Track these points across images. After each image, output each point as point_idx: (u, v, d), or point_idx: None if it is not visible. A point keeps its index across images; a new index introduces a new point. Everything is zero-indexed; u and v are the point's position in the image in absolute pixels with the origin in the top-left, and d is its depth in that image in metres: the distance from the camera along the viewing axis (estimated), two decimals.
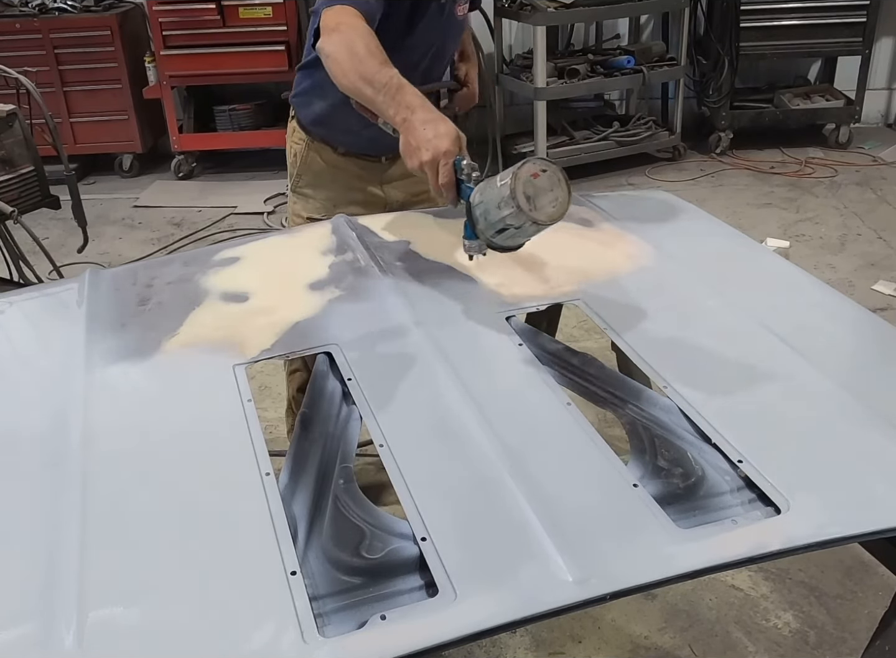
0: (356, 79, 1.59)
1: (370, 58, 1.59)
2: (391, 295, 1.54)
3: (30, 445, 1.24)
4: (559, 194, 1.32)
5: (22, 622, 0.96)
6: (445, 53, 2.05)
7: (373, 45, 1.62)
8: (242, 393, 1.31)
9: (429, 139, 1.43)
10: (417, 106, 1.49)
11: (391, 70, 1.56)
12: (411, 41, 1.90)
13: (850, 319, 1.53)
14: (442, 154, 1.41)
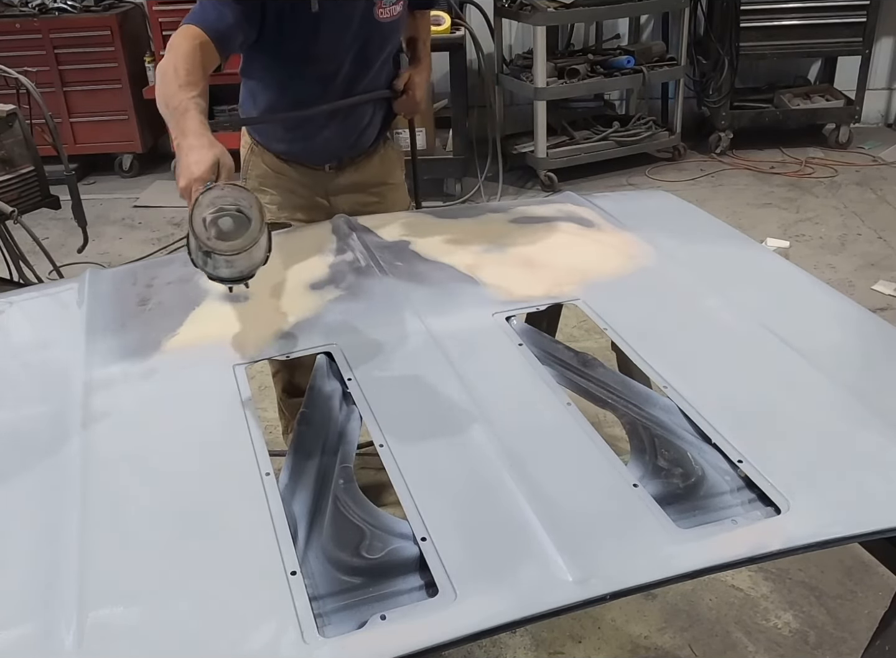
0: (160, 102, 1.59)
1: (174, 80, 1.58)
2: (391, 295, 1.54)
3: (30, 445, 1.24)
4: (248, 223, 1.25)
5: (22, 622, 0.96)
6: (370, 60, 1.96)
7: (181, 67, 1.60)
8: (242, 393, 1.31)
9: (187, 165, 1.41)
10: (190, 131, 1.47)
11: (186, 93, 1.54)
12: (317, 50, 1.86)
13: (850, 319, 1.53)
14: (194, 180, 1.37)
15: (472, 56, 4.91)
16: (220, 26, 1.72)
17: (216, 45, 1.72)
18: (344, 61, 1.91)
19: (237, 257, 1.26)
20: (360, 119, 2.04)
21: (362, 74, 1.97)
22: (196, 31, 1.70)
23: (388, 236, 1.80)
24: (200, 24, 1.71)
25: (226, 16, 1.73)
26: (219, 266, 1.29)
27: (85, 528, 1.06)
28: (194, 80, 1.59)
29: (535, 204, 2.12)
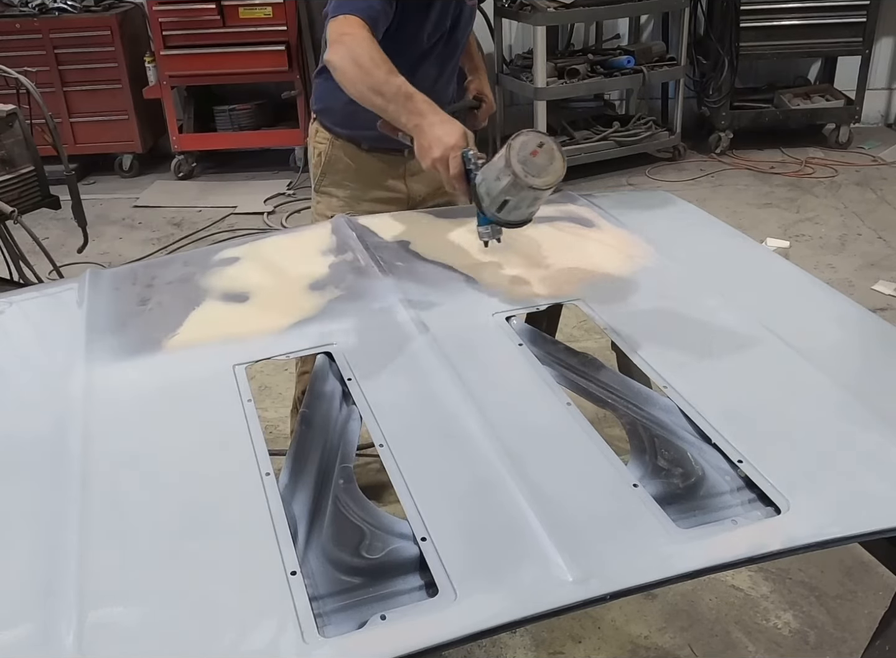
0: (366, 90, 1.66)
1: (376, 68, 1.66)
2: (391, 295, 1.54)
3: (30, 445, 1.24)
4: (554, 160, 1.40)
5: (22, 622, 0.96)
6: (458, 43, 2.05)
7: (376, 56, 1.67)
8: (242, 393, 1.31)
9: (438, 137, 1.55)
10: (427, 111, 1.60)
11: (398, 79, 1.64)
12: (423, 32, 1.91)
13: (850, 319, 1.53)
14: (450, 148, 1.52)
15: None
16: (372, 13, 1.76)
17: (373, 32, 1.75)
18: (439, 43, 1.97)
19: (545, 192, 1.41)
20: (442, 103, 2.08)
21: (450, 57, 2.04)
22: (358, 20, 1.73)
23: (388, 236, 1.80)
24: (357, 14, 1.73)
25: (373, 2, 1.76)
26: (521, 206, 1.44)
27: (85, 528, 1.06)
28: (392, 66, 1.66)
29: None
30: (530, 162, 1.38)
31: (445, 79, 2.08)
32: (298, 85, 5.01)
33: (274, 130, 5.30)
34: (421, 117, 1.59)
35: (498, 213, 1.47)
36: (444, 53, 2.01)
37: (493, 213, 1.48)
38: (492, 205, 1.46)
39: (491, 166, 1.45)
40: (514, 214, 1.47)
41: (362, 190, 2.15)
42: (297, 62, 4.95)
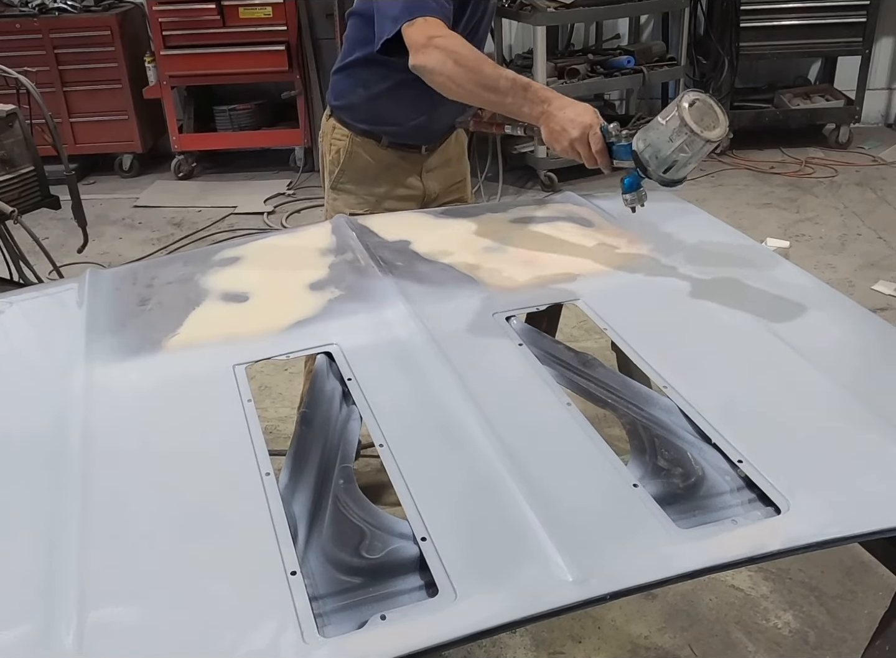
0: (475, 88, 1.67)
1: (483, 65, 1.68)
2: (391, 295, 1.54)
3: (30, 445, 1.24)
4: (718, 114, 1.46)
5: (22, 622, 0.96)
6: (483, 36, 2.08)
7: (477, 53, 1.70)
8: (242, 393, 1.31)
9: (571, 119, 1.57)
10: (551, 97, 1.62)
11: (508, 71, 1.67)
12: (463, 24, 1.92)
13: (850, 319, 1.53)
14: (587, 126, 1.56)
15: None
16: (447, 13, 1.78)
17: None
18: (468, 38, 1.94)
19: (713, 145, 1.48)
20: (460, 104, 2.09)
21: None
22: (439, 21, 1.74)
23: (388, 236, 1.80)
24: (436, 15, 1.75)
25: (444, 3, 1.78)
26: (690, 162, 1.49)
27: (85, 528, 1.06)
28: (492, 60, 1.70)
29: (535, 204, 2.12)
30: (701, 119, 1.44)
31: None
32: (298, 85, 5.01)
33: (274, 130, 5.30)
34: (546, 104, 1.60)
35: (664, 173, 1.51)
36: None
37: (660, 175, 1.51)
38: (660, 166, 1.50)
39: (656, 130, 1.48)
40: (681, 172, 1.51)
41: (381, 186, 2.16)
42: (297, 62, 4.95)
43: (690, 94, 1.47)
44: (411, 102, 2.05)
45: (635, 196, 1.60)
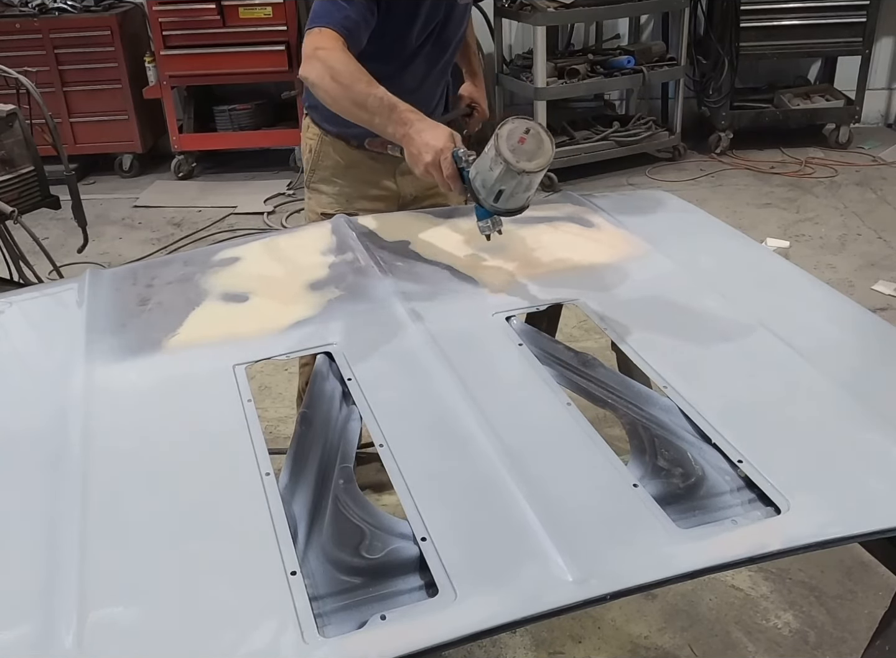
0: (348, 105, 1.67)
1: (356, 82, 1.66)
2: (391, 295, 1.54)
3: (30, 445, 1.24)
4: (542, 143, 1.43)
5: (22, 622, 0.96)
6: (448, 41, 2.03)
7: (354, 69, 1.68)
8: (242, 393, 1.31)
9: (426, 142, 1.56)
10: (413, 119, 1.61)
11: (379, 90, 1.64)
12: (411, 31, 1.90)
13: (850, 319, 1.53)
14: (440, 151, 1.54)
15: None
16: (348, 24, 1.75)
17: (349, 43, 1.75)
18: (427, 42, 1.97)
19: (538, 175, 1.44)
20: (430, 101, 2.09)
21: (440, 55, 2.03)
22: (332, 33, 1.73)
23: (388, 236, 1.80)
24: (332, 26, 1.73)
25: (350, 12, 1.76)
26: (517, 192, 1.46)
27: (85, 527, 1.06)
28: (370, 77, 1.67)
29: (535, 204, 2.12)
30: (519, 148, 1.41)
31: (435, 77, 2.07)
32: (298, 85, 4.97)
33: (274, 130, 5.30)
34: (407, 126, 1.60)
35: (495, 203, 1.49)
36: (433, 52, 2.00)
37: (491, 204, 1.50)
38: (488, 196, 1.48)
39: (483, 158, 1.47)
40: (511, 202, 1.49)
41: (352, 187, 2.14)
42: (297, 62, 4.94)
43: (511, 123, 1.43)
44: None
45: (488, 223, 1.56)
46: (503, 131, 1.42)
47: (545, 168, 1.44)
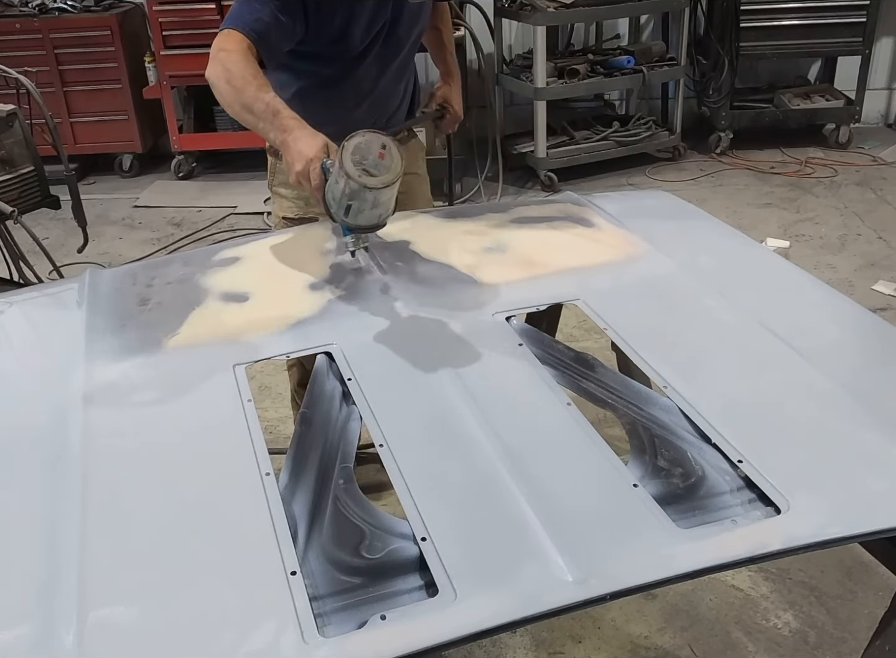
0: (239, 109, 1.66)
1: (247, 86, 1.64)
2: (391, 295, 1.54)
3: (30, 445, 1.24)
4: (391, 160, 1.38)
5: (22, 622, 0.96)
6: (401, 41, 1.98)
7: (248, 73, 1.66)
8: (242, 393, 1.31)
9: (299, 151, 1.53)
10: (293, 126, 1.58)
11: (267, 95, 1.62)
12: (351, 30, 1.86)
13: (850, 319, 1.53)
14: (310, 161, 1.51)
15: (472, 56, 4.92)
16: (257, 27, 1.73)
17: (258, 46, 1.73)
18: (375, 43, 1.93)
19: (384, 192, 1.38)
20: (389, 103, 2.07)
21: (393, 56, 1.99)
22: (238, 35, 1.72)
23: (388, 236, 1.80)
24: (239, 28, 1.72)
25: (263, 15, 1.73)
26: (364, 208, 1.41)
27: (85, 527, 1.06)
28: (263, 81, 1.66)
29: (535, 204, 2.12)
30: (363, 162, 1.37)
31: (391, 78, 2.02)
32: None
33: None
34: (286, 133, 1.57)
35: (346, 217, 1.44)
36: (384, 53, 1.96)
37: (342, 219, 1.45)
38: (339, 209, 1.44)
39: (331, 174, 1.44)
40: (361, 218, 1.44)
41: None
42: None
43: (359, 136, 1.38)
44: (318, 110, 1.96)
45: (354, 239, 1.51)
46: (349, 144, 1.37)
47: (389, 185, 1.38)
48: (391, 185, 1.38)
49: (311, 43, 1.87)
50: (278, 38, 1.77)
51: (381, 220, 1.46)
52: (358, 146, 1.37)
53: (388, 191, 1.39)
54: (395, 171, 1.37)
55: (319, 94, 1.98)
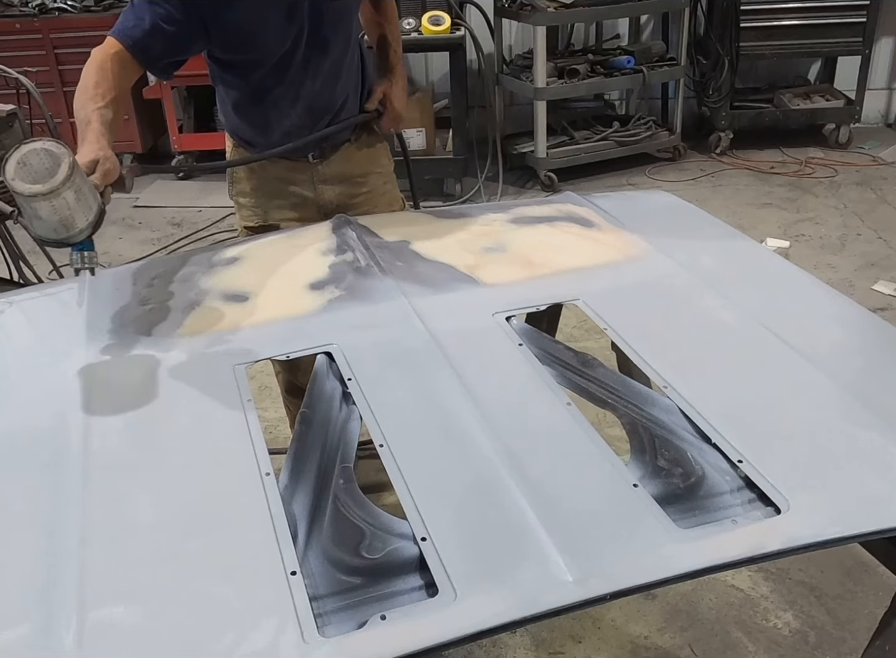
0: (75, 113, 1.64)
1: (83, 92, 1.65)
2: (391, 295, 1.54)
3: (30, 445, 1.24)
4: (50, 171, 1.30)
5: (22, 622, 0.96)
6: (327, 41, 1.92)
7: (90, 81, 1.66)
8: (242, 393, 1.31)
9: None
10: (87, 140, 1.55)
11: (93, 104, 1.61)
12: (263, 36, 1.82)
13: (850, 319, 1.53)
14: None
15: (472, 56, 4.91)
16: (135, 33, 1.72)
17: (133, 52, 1.73)
18: (298, 47, 1.88)
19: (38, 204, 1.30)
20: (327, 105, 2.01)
21: (322, 58, 1.93)
22: (112, 41, 1.73)
23: (388, 236, 1.80)
24: (116, 35, 1.73)
25: (143, 23, 1.72)
26: (29, 216, 1.33)
27: (85, 527, 1.06)
28: (102, 91, 1.64)
29: (535, 204, 2.12)
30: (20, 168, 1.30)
31: (324, 80, 1.96)
32: None
33: None
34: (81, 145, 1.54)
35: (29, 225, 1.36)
36: (311, 55, 1.90)
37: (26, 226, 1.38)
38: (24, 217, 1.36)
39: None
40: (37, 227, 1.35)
41: (265, 197, 2.09)
42: None
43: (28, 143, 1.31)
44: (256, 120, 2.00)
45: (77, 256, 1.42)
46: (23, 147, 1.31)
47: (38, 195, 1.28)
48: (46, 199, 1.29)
49: (223, 50, 1.85)
50: (162, 46, 1.76)
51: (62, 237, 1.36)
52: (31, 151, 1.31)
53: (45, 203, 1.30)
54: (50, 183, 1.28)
55: (254, 104, 1.97)
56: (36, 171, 1.29)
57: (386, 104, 2.09)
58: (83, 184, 1.35)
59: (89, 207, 1.38)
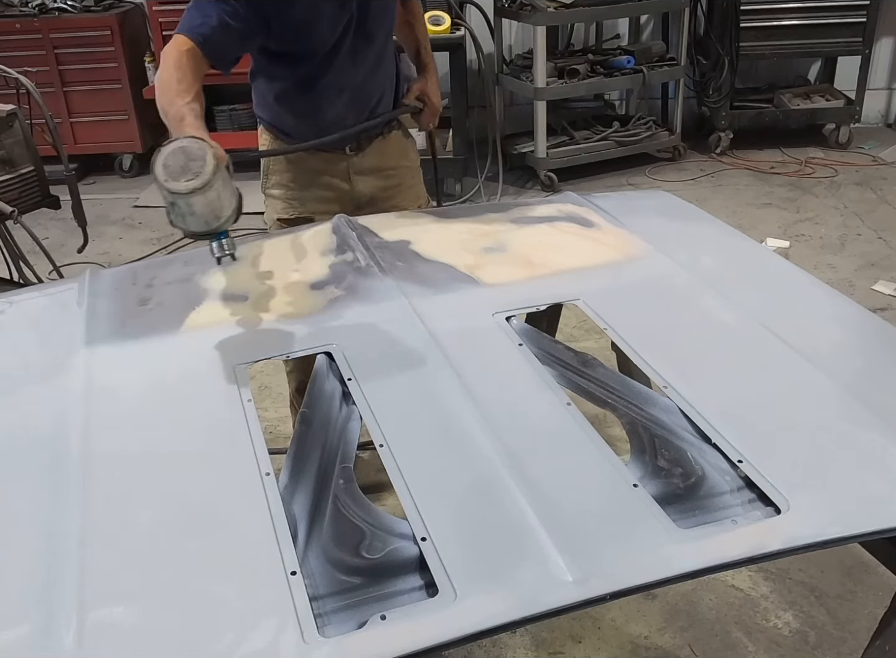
0: (162, 113, 1.67)
1: (168, 89, 1.68)
2: (391, 295, 1.54)
3: (30, 445, 1.24)
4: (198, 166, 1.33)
5: (22, 622, 0.96)
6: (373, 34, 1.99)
7: (173, 77, 1.70)
8: (242, 393, 1.31)
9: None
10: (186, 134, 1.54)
11: (182, 100, 1.64)
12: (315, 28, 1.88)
13: (850, 319, 1.53)
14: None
15: (472, 56, 4.91)
16: (203, 30, 1.78)
17: (202, 49, 1.77)
18: (345, 39, 1.95)
19: (194, 199, 1.33)
20: (370, 96, 2.08)
21: (366, 50, 2.00)
22: (182, 39, 1.78)
23: (388, 236, 1.80)
24: (185, 32, 1.79)
25: (210, 20, 1.78)
26: (183, 213, 1.36)
27: (85, 527, 1.06)
28: (185, 87, 1.68)
29: (535, 204, 2.12)
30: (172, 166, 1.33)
31: (367, 70, 2.03)
32: None
33: None
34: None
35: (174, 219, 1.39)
36: (356, 47, 1.97)
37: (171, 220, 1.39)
38: (169, 212, 1.38)
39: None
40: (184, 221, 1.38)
41: (301, 189, 2.13)
42: None
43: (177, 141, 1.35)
44: (300, 110, 2.04)
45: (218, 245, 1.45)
46: (163, 150, 1.35)
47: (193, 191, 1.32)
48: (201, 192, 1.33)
49: (278, 42, 1.89)
50: (229, 42, 1.81)
51: (214, 227, 1.40)
52: (173, 151, 1.34)
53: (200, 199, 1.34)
54: (202, 177, 1.32)
55: (300, 93, 2.01)
56: (181, 168, 1.33)
57: (425, 100, 2.18)
58: (223, 172, 1.38)
59: (232, 194, 1.41)
